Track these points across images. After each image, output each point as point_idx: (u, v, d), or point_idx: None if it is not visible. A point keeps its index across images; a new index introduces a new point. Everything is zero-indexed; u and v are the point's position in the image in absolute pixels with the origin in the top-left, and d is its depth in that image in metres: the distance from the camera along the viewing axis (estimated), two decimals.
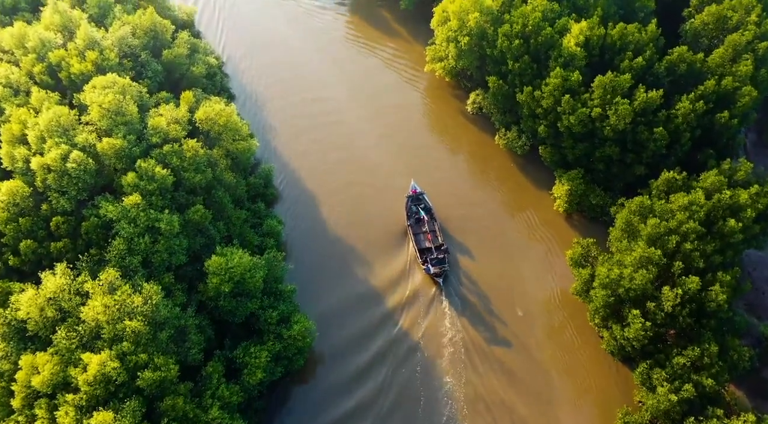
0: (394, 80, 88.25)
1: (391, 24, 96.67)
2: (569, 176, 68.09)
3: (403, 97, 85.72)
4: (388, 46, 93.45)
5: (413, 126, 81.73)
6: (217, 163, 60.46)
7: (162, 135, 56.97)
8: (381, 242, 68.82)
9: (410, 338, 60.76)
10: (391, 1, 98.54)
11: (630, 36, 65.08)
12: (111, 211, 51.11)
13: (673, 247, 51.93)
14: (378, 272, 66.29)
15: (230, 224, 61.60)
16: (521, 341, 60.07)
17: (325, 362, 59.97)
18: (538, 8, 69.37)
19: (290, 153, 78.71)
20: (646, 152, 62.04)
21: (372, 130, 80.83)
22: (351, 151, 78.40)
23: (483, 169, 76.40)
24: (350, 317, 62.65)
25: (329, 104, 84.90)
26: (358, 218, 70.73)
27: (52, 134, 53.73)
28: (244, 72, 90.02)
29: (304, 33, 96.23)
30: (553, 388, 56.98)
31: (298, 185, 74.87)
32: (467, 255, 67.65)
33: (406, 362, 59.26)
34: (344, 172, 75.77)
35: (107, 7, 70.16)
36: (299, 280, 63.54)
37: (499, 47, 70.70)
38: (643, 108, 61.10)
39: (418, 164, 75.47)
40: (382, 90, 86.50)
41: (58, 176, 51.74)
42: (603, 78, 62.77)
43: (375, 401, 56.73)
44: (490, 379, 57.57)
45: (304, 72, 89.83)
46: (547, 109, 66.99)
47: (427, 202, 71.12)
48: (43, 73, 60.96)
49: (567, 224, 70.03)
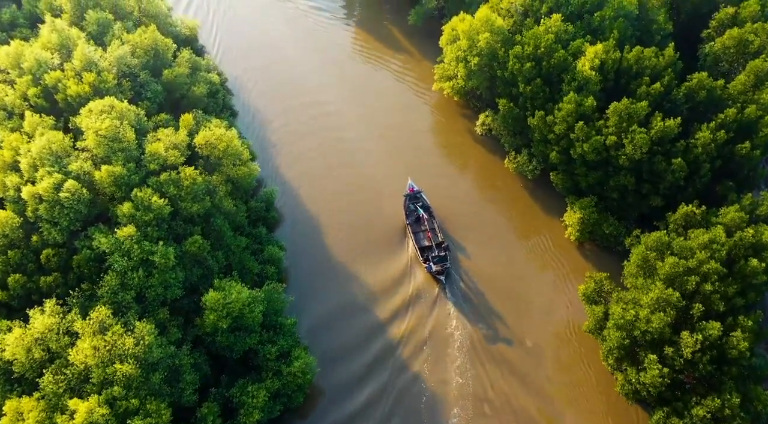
0: (401, 98, 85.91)
1: (399, 39, 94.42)
2: (581, 204, 65.53)
3: (410, 115, 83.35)
4: (396, 61, 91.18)
5: (420, 145, 79.33)
6: (217, 191, 58.28)
7: (160, 162, 54.90)
8: (381, 247, 68.01)
9: (412, 371, 58.83)
10: (399, 16, 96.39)
11: (647, 61, 62.52)
12: (104, 243, 49.02)
13: (693, 288, 49.32)
14: (379, 280, 65.35)
15: (229, 252, 59.47)
16: (532, 379, 57.61)
17: (325, 366, 58.81)
18: (551, 29, 66.95)
19: (293, 171, 76.42)
20: (663, 183, 59.44)
21: (378, 148, 78.45)
22: (356, 169, 76.26)
23: (492, 192, 73.83)
24: (348, 324, 61.94)
25: (334, 119, 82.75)
26: (361, 233, 69.43)
27: (44, 162, 51.75)
28: (248, 87, 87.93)
29: (309, 47, 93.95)
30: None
31: (300, 205, 72.70)
32: (474, 280, 65.36)
33: (411, 384, 58.02)
34: (347, 187, 74.04)
35: (107, 25, 68.18)
36: (298, 286, 64.06)
37: (509, 69, 68.29)
38: (661, 137, 58.54)
39: (425, 184, 73.12)
40: (389, 107, 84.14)
41: (49, 206, 49.67)
42: (618, 105, 60.24)
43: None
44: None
45: (309, 86, 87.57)
46: (559, 135, 64.50)
47: (425, 200, 70.61)
48: (38, 96, 59.01)
49: (578, 253, 67.44)
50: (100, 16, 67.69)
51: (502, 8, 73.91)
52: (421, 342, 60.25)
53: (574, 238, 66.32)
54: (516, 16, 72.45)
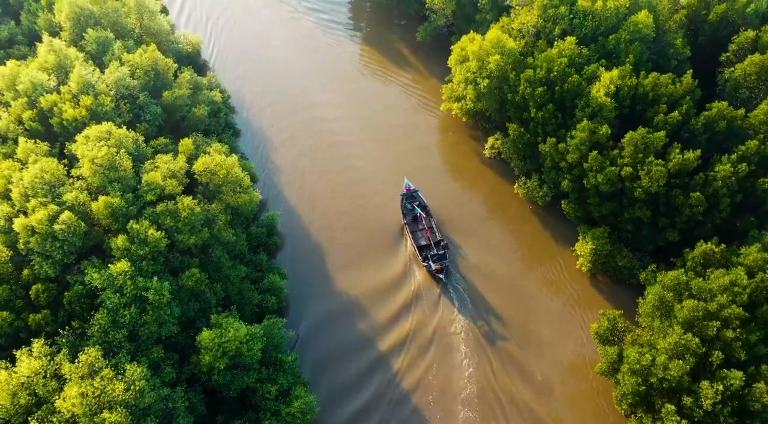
0: (408, 116, 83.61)
1: (406, 55, 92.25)
2: (594, 234, 63.07)
3: (417, 134, 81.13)
4: (403, 78, 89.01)
5: (428, 165, 76.91)
6: (216, 220, 56.13)
7: (157, 192, 52.81)
8: (385, 267, 66.98)
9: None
10: (407, 31, 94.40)
11: (663, 88, 60.04)
12: (96, 278, 46.99)
13: (713, 334, 46.79)
14: (384, 312, 63.62)
15: (228, 282, 57.38)
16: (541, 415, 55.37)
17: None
18: (564, 52, 64.58)
19: (297, 189, 74.63)
20: (680, 217, 56.92)
21: (383, 166, 76.39)
22: (361, 186, 74.43)
23: (500, 217, 71.44)
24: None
25: (339, 135, 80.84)
26: (366, 254, 68.05)
27: (37, 192, 49.82)
28: (251, 102, 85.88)
29: (315, 61, 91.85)
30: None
31: (303, 225, 70.86)
32: (482, 302, 63.52)
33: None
34: (351, 205, 72.39)
35: (107, 44, 66.28)
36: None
37: (521, 93, 65.97)
38: (679, 170, 56.05)
39: (432, 205, 71.05)
40: (395, 125, 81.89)
41: (42, 239, 47.70)
42: (634, 134, 57.82)
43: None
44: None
45: (314, 101, 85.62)
46: (571, 164, 62.13)
47: (421, 199, 70.42)
48: (33, 120, 57.14)
49: (590, 285, 64.93)
50: (100, 35, 65.82)
51: (513, 29, 71.55)
52: (424, 347, 59.99)
53: (586, 269, 63.88)
54: (528, 37, 70.10)
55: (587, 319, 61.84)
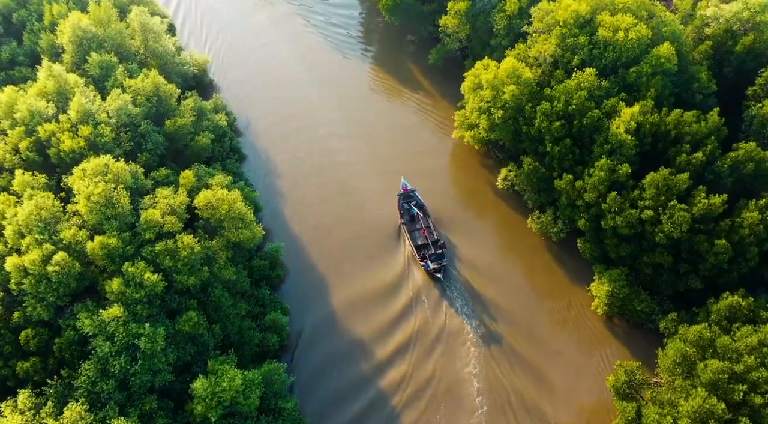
0: (418, 140, 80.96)
1: (418, 77, 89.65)
2: (611, 276, 60.16)
3: (427, 161, 78.18)
4: (413, 100, 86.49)
5: (436, 190, 74.10)
6: (216, 258, 53.92)
7: (155, 230, 50.67)
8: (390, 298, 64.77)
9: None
10: (419, 53, 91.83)
11: (687, 126, 57.20)
12: (87, 324, 44.89)
13: (739, 398, 43.92)
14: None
15: (228, 322, 55.11)
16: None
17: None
18: (583, 84, 61.86)
19: (302, 217, 72.23)
20: (704, 264, 54.02)
21: (392, 191, 73.26)
22: (367, 214, 71.98)
23: (511, 251, 68.65)
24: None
25: (346, 156, 78.67)
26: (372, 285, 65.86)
27: (32, 229, 47.77)
28: (257, 122, 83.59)
29: (324, 81, 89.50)
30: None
31: (307, 256, 68.48)
32: (492, 331, 61.65)
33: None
34: (357, 234, 70.00)
35: (109, 67, 64.27)
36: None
37: (536, 126, 63.30)
38: (703, 214, 53.18)
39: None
40: (405, 151, 79.14)
41: (36, 281, 45.69)
42: (656, 176, 55.04)
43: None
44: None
45: (321, 120, 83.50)
46: (589, 203, 59.35)
47: (418, 198, 70.25)
48: (30, 150, 55.15)
49: (606, 327, 62.01)
50: (103, 59, 63.86)
51: (529, 56, 68.89)
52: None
53: (602, 312, 61.04)
54: (545, 66, 67.39)
55: (602, 365, 59.06)
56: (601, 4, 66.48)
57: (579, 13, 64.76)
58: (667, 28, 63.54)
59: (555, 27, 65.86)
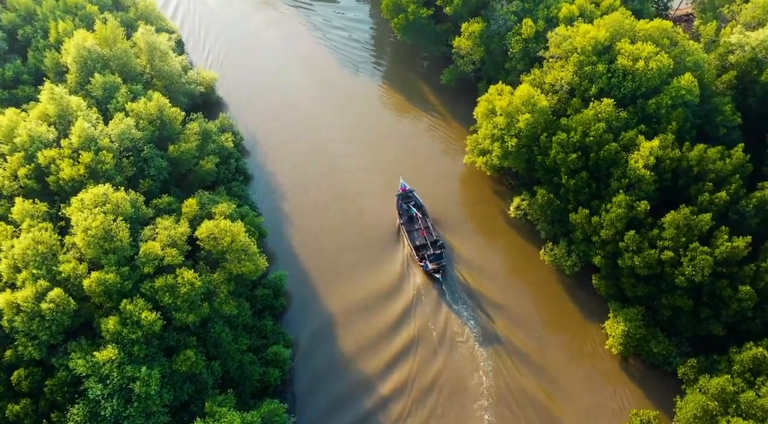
0: (427, 161, 78.77)
1: (429, 97, 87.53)
2: (626, 315, 57.75)
3: (437, 186, 75.74)
4: (424, 121, 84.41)
5: (446, 218, 72.14)
6: (217, 293, 52.10)
7: (155, 264, 48.95)
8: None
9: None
10: (431, 72, 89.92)
11: (711, 163, 54.78)
12: (80, 365, 43.20)
13: None
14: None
15: (228, 358, 53.27)
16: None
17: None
18: (601, 115, 59.56)
19: (308, 241, 70.44)
20: (726, 310, 51.56)
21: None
22: (372, 232, 70.59)
23: (522, 281, 66.24)
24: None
25: (353, 176, 77.02)
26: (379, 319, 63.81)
27: (28, 264, 46.19)
28: (263, 140, 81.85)
29: (332, 99, 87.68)
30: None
31: (313, 282, 66.68)
32: (499, 367, 59.64)
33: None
34: (365, 258, 68.45)
35: (113, 88, 62.71)
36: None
37: (552, 157, 61.07)
38: (726, 258, 50.74)
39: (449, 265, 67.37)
40: (413, 170, 76.55)
41: (28, 318, 44.09)
42: (677, 215, 52.68)
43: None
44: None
45: (328, 137, 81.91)
46: (605, 240, 57.03)
47: (417, 198, 70.52)
48: (29, 177, 53.64)
49: (620, 367, 59.52)
50: (107, 80, 62.31)
51: (545, 83, 66.68)
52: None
53: (617, 352, 58.66)
54: (561, 93, 65.15)
55: (615, 407, 56.68)
56: (621, 31, 64.17)
57: (598, 39, 62.45)
58: (690, 57, 61.12)
59: (572, 54, 63.62)
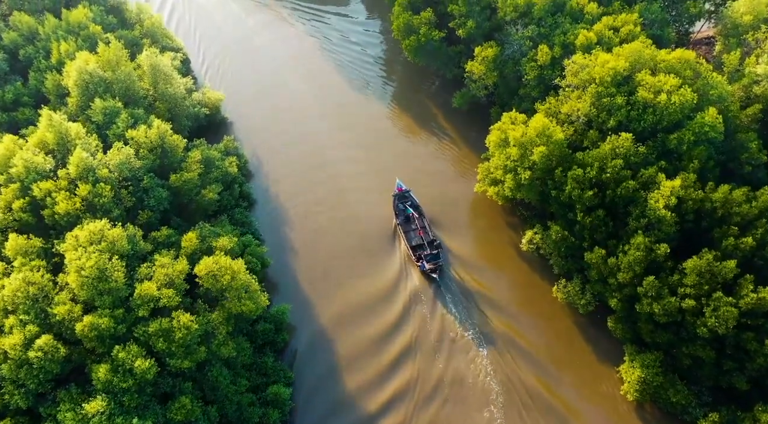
0: (437, 186, 75.98)
1: (440, 121, 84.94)
2: (643, 361, 55.00)
3: (446, 214, 73.50)
4: (433, 144, 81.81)
5: (454, 250, 69.85)
6: (216, 334, 50.00)
7: (150, 306, 46.92)
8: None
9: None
10: (441, 93, 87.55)
11: (736, 206, 52.02)
12: (69, 418, 41.21)
13: None
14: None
15: (226, 401, 51.14)
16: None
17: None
18: (619, 150, 56.95)
19: (310, 268, 68.55)
20: (751, 364, 48.78)
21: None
22: (377, 258, 68.68)
23: (533, 319, 63.63)
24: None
25: (358, 195, 75.15)
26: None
27: (18, 308, 44.28)
28: (269, 164, 79.84)
29: (339, 118, 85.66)
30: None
31: (317, 312, 64.84)
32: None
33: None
34: (369, 291, 66.39)
35: (114, 113, 60.86)
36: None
37: (567, 193, 58.50)
38: (752, 308, 47.97)
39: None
40: (422, 197, 74.24)
41: (15, 366, 42.17)
42: (699, 262, 49.96)
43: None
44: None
45: (334, 158, 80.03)
46: (622, 283, 54.40)
47: (413, 199, 70.70)
48: (23, 210, 51.80)
49: (635, 414, 56.87)
50: (107, 105, 60.46)
51: (560, 112, 64.14)
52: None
53: (632, 398, 55.97)
54: (577, 124, 62.58)
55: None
56: (641, 60, 61.49)
57: (617, 70, 59.82)
58: (714, 91, 58.36)
59: (590, 84, 61.05)
